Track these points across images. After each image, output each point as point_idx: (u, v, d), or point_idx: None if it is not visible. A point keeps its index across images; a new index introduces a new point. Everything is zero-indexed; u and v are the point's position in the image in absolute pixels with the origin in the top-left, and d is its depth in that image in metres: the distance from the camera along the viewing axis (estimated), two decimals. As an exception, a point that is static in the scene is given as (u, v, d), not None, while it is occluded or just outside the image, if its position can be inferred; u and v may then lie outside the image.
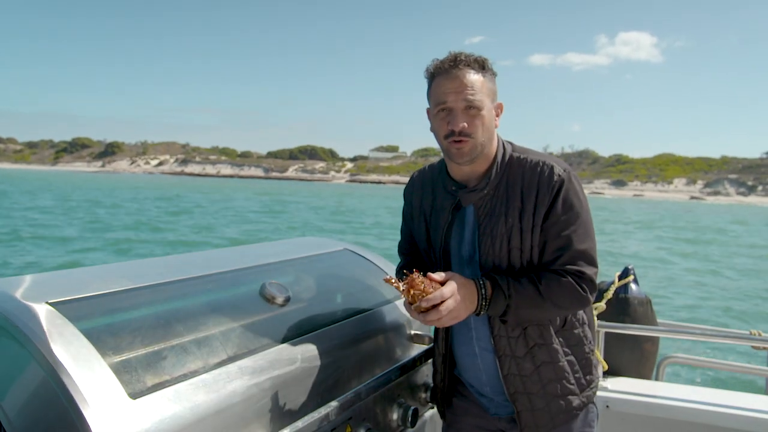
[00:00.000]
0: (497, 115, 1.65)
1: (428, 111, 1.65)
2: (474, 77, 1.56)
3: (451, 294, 1.45)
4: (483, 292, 1.51)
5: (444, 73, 1.58)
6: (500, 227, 1.59)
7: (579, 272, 1.56)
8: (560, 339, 1.64)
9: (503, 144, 1.68)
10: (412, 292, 1.43)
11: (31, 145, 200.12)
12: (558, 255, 1.57)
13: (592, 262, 1.59)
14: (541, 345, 1.61)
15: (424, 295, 1.43)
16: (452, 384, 1.81)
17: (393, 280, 1.45)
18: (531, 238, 1.57)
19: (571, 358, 1.65)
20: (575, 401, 1.65)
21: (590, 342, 1.70)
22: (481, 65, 1.59)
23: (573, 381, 1.65)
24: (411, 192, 1.83)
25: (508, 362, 1.63)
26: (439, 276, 1.48)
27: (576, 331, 1.66)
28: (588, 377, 1.69)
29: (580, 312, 1.68)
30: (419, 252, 1.83)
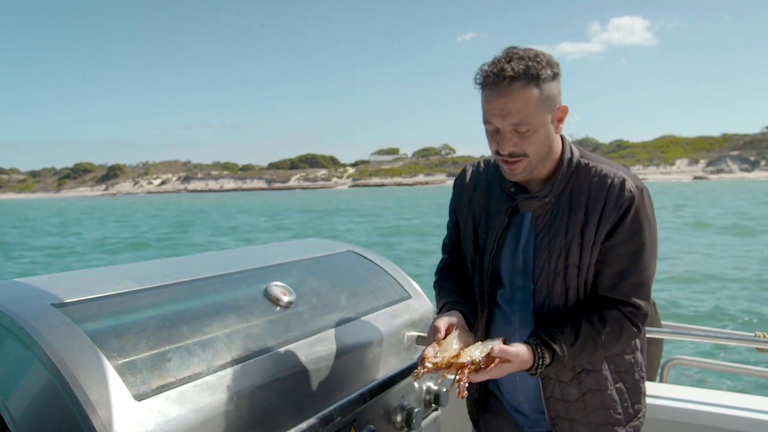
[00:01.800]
0: (560, 121, 1.46)
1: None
2: (524, 94, 1.35)
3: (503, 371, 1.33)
4: (540, 362, 1.39)
5: (490, 87, 1.38)
6: (559, 240, 1.46)
7: (636, 307, 1.45)
8: (610, 366, 1.53)
9: (570, 147, 1.53)
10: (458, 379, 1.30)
11: (33, 174, 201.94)
12: (618, 281, 1.45)
13: (648, 295, 1.48)
14: (590, 371, 1.52)
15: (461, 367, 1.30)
16: (486, 397, 1.73)
17: (422, 373, 1.30)
18: (590, 256, 1.45)
19: (620, 385, 1.55)
20: None
21: (641, 368, 1.60)
22: (536, 73, 1.36)
23: (620, 410, 1.54)
24: (461, 188, 1.68)
25: (552, 385, 1.53)
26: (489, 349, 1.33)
27: (627, 357, 1.56)
28: (636, 406, 1.58)
29: None
30: (462, 253, 1.70)
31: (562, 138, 1.54)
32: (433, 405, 1.97)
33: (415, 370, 1.32)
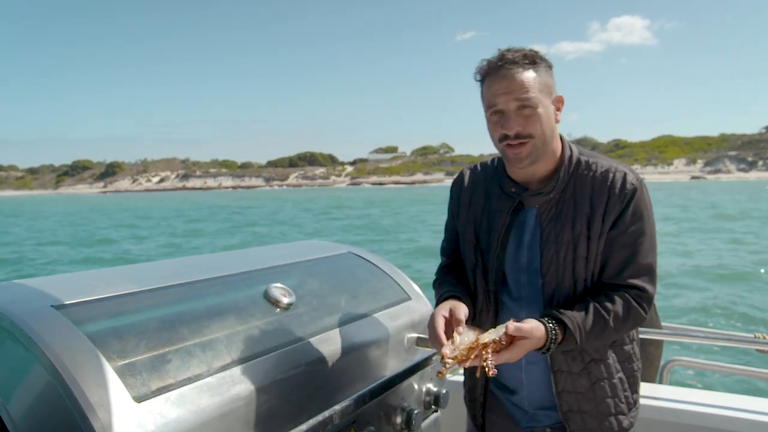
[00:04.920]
0: (558, 110, 1.54)
1: (485, 113, 1.56)
2: (525, 74, 1.46)
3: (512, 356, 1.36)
4: (553, 337, 1.42)
5: (492, 74, 1.48)
6: (566, 234, 1.52)
7: (642, 290, 1.51)
8: (613, 354, 1.58)
9: (569, 145, 1.60)
10: (471, 362, 1.33)
11: (32, 171, 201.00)
12: (622, 267, 1.51)
13: (654, 280, 1.53)
14: (598, 360, 1.55)
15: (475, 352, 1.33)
16: (488, 397, 1.73)
17: (447, 369, 1.33)
18: (597, 247, 1.51)
19: (622, 375, 1.59)
20: (624, 422, 1.59)
21: (638, 359, 1.64)
22: (532, 59, 1.48)
23: (623, 399, 1.59)
24: (460, 190, 1.72)
25: (564, 378, 1.55)
26: (506, 329, 1.36)
27: (626, 347, 1.60)
28: (634, 396, 1.63)
29: None
30: (461, 255, 1.73)
31: (562, 137, 1.60)
32: (433, 406, 1.97)
33: (440, 371, 1.35)
